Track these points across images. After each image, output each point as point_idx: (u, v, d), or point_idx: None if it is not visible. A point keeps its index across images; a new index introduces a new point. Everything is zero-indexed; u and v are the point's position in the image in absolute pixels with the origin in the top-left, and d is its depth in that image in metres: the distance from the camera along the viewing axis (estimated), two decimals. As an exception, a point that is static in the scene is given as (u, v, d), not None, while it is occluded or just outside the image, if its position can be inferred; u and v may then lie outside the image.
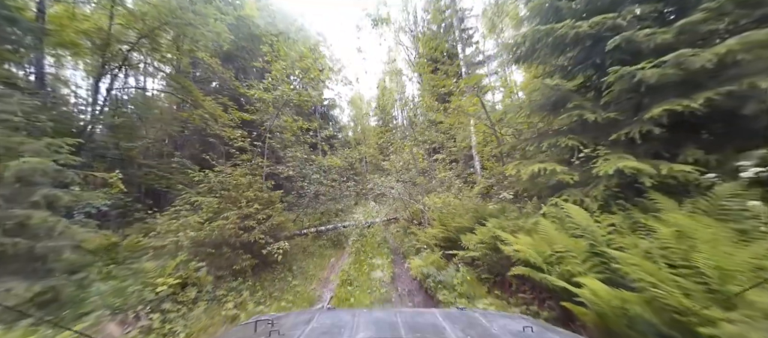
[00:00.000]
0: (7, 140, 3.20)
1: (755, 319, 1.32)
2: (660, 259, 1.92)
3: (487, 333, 1.05)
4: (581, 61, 3.92)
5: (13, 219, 3.03)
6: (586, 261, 2.46)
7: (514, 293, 3.58)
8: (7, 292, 2.67)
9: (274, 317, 1.25)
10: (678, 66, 2.89)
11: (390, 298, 4.90)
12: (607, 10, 3.60)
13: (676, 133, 3.05)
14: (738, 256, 1.61)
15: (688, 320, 1.57)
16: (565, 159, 3.70)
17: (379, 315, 1.26)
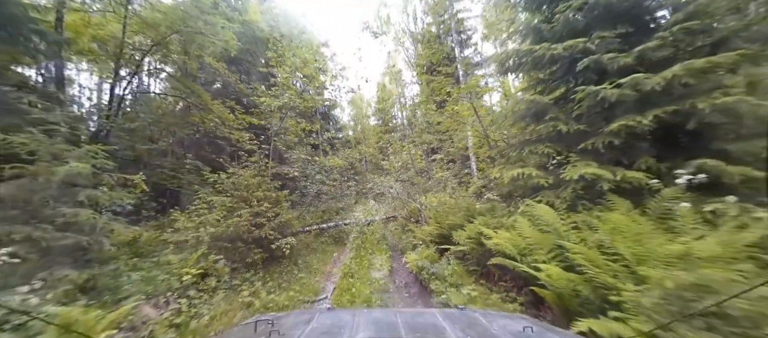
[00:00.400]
0: (55, 148, 3.71)
1: (649, 289, 1.84)
2: (597, 249, 2.45)
3: (487, 333, 1.06)
4: (559, 77, 4.43)
5: (62, 217, 3.55)
6: (550, 252, 2.98)
7: (497, 282, 4.11)
8: (65, 277, 3.18)
9: (274, 317, 1.26)
10: (633, 87, 3.40)
11: (388, 289, 5.43)
12: (580, 34, 4.12)
13: (634, 143, 3.57)
14: (652, 245, 2.13)
15: (611, 293, 2.10)
16: (542, 165, 4.22)
17: (379, 315, 1.29)
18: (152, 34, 8.03)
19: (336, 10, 36.47)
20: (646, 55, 3.56)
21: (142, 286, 3.90)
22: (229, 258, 4.98)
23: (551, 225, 3.16)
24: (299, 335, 0.98)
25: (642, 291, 1.87)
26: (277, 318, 1.25)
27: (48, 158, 3.63)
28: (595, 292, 2.28)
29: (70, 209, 3.57)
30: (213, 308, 4.02)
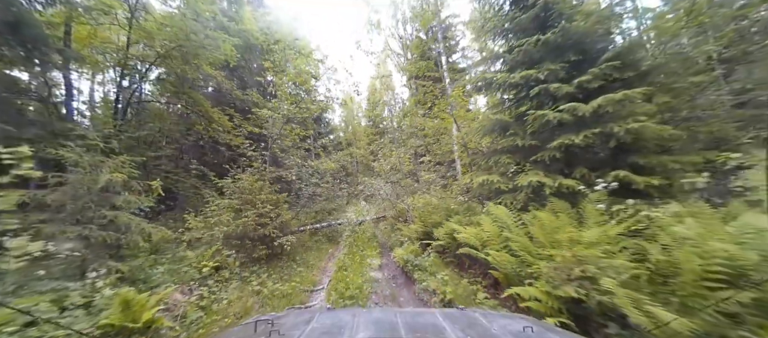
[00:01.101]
0: (95, 160, 4.44)
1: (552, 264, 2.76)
2: (528, 238, 3.37)
3: (487, 333, 1.07)
4: (519, 99, 5.37)
5: (103, 219, 4.28)
6: (502, 243, 3.89)
7: (467, 269, 5.03)
8: (113, 268, 3.93)
9: (274, 317, 1.28)
10: (571, 112, 4.35)
11: (377, 279, 6.28)
12: (536, 63, 5.06)
13: (571, 156, 4.52)
14: (560, 234, 3.05)
15: (532, 268, 3.01)
16: (504, 172, 5.16)
17: (379, 315, 1.30)
18: (157, 46, 8.67)
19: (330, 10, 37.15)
20: (584, 85, 4.52)
21: (168, 277, 4.66)
22: (239, 254, 5.77)
23: (504, 222, 4.08)
24: (299, 335, 1.00)
25: (547, 265, 2.78)
26: (276, 317, 1.26)
27: (89, 168, 4.36)
28: (524, 269, 3.20)
29: (109, 212, 4.31)
30: (229, 294, 4.81)
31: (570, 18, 4.77)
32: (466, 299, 4.13)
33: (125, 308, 3.28)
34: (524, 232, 3.54)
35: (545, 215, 3.39)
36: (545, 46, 5.00)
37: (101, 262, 4.00)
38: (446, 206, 6.93)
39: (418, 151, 15.26)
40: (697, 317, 1.90)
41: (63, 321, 3.11)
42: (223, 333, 1.84)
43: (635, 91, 4.04)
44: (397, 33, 21.08)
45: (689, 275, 1.98)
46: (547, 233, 3.15)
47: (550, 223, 3.25)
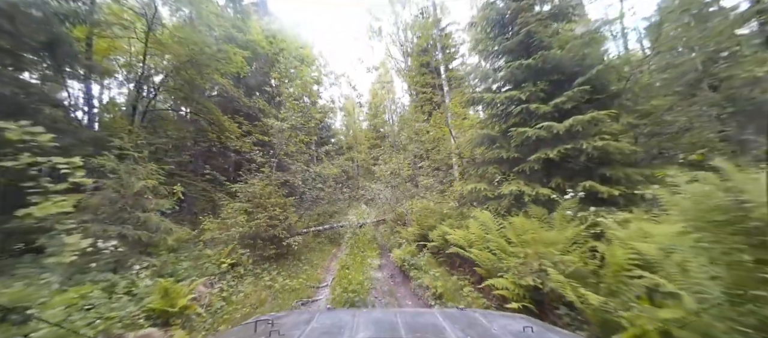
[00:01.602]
0: (129, 168, 5.12)
1: (519, 260, 3.42)
2: (504, 239, 4.03)
3: (487, 333, 1.09)
4: (504, 116, 6.04)
5: (137, 220, 4.95)
6: (484, 243, 4.55)
7: (457, 267, 5.69)
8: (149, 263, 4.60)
9: (274, 317, 1.29)
10: (548, 130, 5.02)
11: (377, 277, 6.93)
12: (520, 84, 5.74)
13: (548, 168, 5.19)
14: (528, 235, 3.70)
15: (505, 264, 3.67)
16: (490, 181, 5.82)
17: (379, 315, 1.32)
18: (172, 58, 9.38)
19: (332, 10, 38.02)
20: (559, 106, 5.19)
21: (192, 271, 5.32)
22: (251, 253, 6.43)
23: (487, 225, 4.74)
24: (299, 335, 1.02)
25: (515, 261, 3.44)
26: (277, 317, 1.28)
27: (125, 176, 5.04)
28: (499, 264, 3.85)
29: (143, 214, 4.99)
30: (244, 288, 5.47)
31: (549, 46, 5.45)
32: (455, 293, 4.79)
33: (164, 295, 3.94)
34: (501, 234, 4.20)
35: (518, 219, 4.05)
36: (528, 69, 5.67)
37: (137, 258, 4.67)
38: (441, 210, 7.59)
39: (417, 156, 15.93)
40: (618, 298, 2.55)
41: (114, 305, 3.77)
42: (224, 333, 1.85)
43: (602, 113, 4.71)
44: (397, 40, 21.85)
45: (613, 267, 2.63)
46: (518, 235, 3.81)
47: (522, 226, 3.91)
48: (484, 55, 6.59)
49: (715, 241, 2.04)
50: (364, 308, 4.12)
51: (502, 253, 3.82)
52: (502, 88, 6.08)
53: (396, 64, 23.07)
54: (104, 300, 3.84)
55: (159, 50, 9.69)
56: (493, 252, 4.04)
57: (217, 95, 12.68)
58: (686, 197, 2.30)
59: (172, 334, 3.66)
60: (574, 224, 3.67)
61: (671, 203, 2.36)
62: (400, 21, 21.90)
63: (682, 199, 2.30)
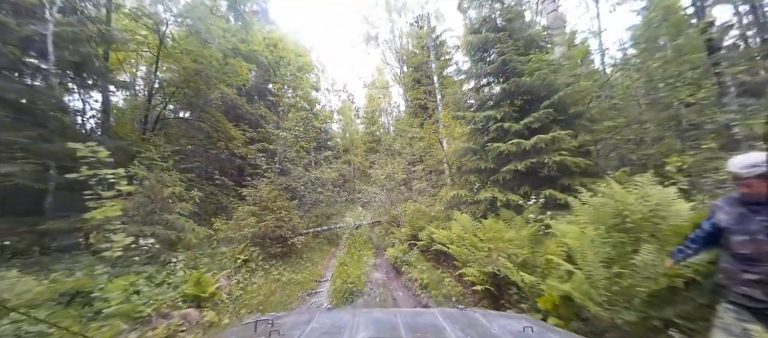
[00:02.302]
0: (158, 175, 6.00)
1: (485, 252, 4.38)
2: (476, 237, 5.00)
3: (488, 333, 1.11)
4: (483, 130, 7.03)
5: (166, 221, 5.84)
6: (461, 241, 5.52)
7: (441, 263, 6.65)
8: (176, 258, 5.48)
9: (274, 317, 1.33)
10: (517, 146, 6.01)
11: (372, 273, 7.87)
12: (496, 105, 6.73)
13: (518, 178, 6.18)
14: (491, 234, 4.67)
15: (474, 257, 4.64)
16: (470, 188, 6.80)
17: (379, 315, 1.38)
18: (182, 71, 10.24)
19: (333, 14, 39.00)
20: (528, 125, 6.18)
21: (212, 266, 6.22)
22: (261, 250, 7.34)
23: (465, 226, 5.71)
24: (299, 335, 1.05)
25: (482, 254, 4.42)
26: (277, 317, 1.31)
27: (155, 183, 5.93)
28: (471, 257, 4.82)
29: (170, 216, 5.88)
30: (257, 281, 6.39)
31: (521, 73, 6.45)
32: (438, 283, 5.74)
33: (197, 283, 4.85)
34: (474, 233, 5.17)
35: (488, 221, 5.03)
36: (503, 91, 6.68)
37: (167, 254, 5.56)
38: (429, 213, 8.56)
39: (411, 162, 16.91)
40: (547, 278, 3.52)
41: (157, 291, 4.66)
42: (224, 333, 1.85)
43: (562, 133, 5.71)
44: (394, 47, 22.86)
45: (546, 256, 3.61)
46: (486, 234, 4.78)
47: (490, 227, 4.88)
48: (467, 76, 7.58)
49: (607, 236, 3.03)
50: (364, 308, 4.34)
51: (473, 248, 4.79)
52: (482, 106, 7.06)
53: (392, 69, 24.09)
54: (148, 287, 4.74)
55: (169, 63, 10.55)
56: (468, 248, 5.01)
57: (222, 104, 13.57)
58: (592, 206, 3.29)
59: (204, 314, 4.57)
60: (530, 225, 4.65)
61: (581, 209, 3.34)
62: (397, 29, 22.94)
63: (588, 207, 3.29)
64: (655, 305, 2.47)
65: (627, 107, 6.40)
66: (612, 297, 2.65)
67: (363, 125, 29.97)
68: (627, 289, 2.58)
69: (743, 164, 1.87)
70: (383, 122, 30.58)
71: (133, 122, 11.13)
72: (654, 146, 6.00)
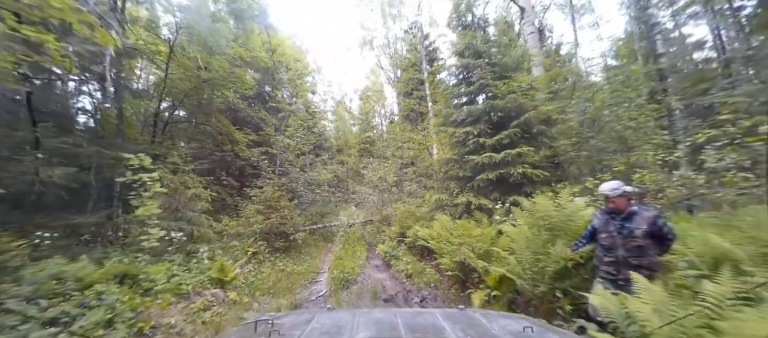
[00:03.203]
0: (182, 178, 7.10)
1: (455, 246, 5.63)
2: (450, 234, 6.26)
3: (488, 333, 1.15)
4: (463, 143, 8.29)
5: (189, 218, 6.93)
6: (440, 237, 6.77)
7: (425, 257, 7.90)
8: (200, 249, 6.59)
9: (274, 317, 1.37)
10: (489, 158, 7.27)
11: (365, 266, 9.08)
12: (473, 122, 7.99)
13: (490, 185, 7.45)
14: (460, 231, 5.92)
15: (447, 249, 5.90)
16: (451, 193, 8.06)
17: (379, 315, 1.41)
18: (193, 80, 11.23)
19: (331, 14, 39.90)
20: (500, 141, 7.45)
21: (226, 256, 7.34)
22: (267, 245, 8.48)
23: (444, 225, 6.96)
24: (299, 335, 1.08)
25: (453, 247, 5.67)
26: (277, 317, 1.35)
27: (179, 184, 7.02)
28: (446, 249, 6.07)
29: (193, 213, 6.98)
30: (265, 270, 7.54)
31: (495, 96, 7.72)
32: (420, 273, 6.98)
33: (220, 270, 5.99)
34: (449, 231, 6.42)
35: (461, 221, 6.28)
36: (481, 111, 7.94)
37: (191, 246, 6.68)
38: (416, 213, 9.81)
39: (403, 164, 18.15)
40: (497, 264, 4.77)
41: (190, 275, 5.78)
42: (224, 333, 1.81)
43: (525, 148, 7.00)
44: (388, 52, 24.05)
45: (498, 248, 4.86)
46: (458, 231, 6.03)
47: (462, 226, 6.13)
48: (451, 95, 8.84)
49: (537, 233, 4.29)
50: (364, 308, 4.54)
51: (448, 243, 6.03)
52: (463, 122, 8.31)
53: (386, 73, 25.28)
54: (180, 273, 5.86)
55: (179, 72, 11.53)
56: (444, 243, 6.26)
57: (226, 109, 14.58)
58: (529, 211, 4.56)
59: (228, 294, 5.72)
60: (493, 225, 5.91)
61: (519, 213, 4.61)
62: (391, 34, 24.12)
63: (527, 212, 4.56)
64: (557, 279, 3.73)
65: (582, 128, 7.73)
66: (533, 275, 3.91)
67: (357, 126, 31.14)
68: (542, 269, 3.84)
69: (610, 188, 3.12)
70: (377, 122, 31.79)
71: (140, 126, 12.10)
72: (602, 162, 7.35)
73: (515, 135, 7.38)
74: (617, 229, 3.08)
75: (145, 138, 10.43)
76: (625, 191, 3.04)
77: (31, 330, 3.38)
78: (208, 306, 5.05)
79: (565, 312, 3.39)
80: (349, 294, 6.47)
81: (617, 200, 3.08)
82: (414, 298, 5.84)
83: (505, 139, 7.36)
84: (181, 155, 7.92)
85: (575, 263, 3.68)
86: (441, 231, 6.77)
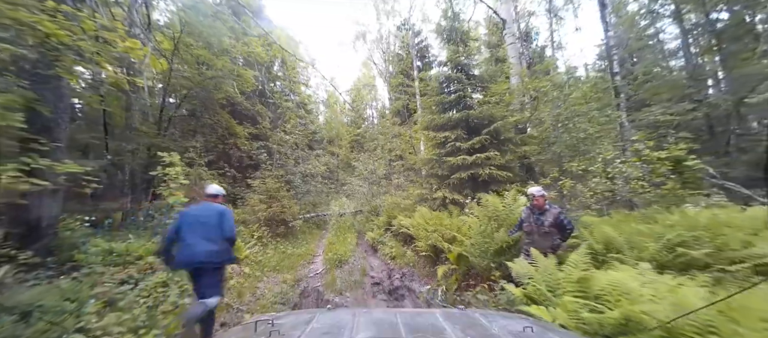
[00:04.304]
0: (198, 171, 8.40)
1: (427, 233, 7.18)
2: (427, 223, 7.80)
3: (487, 333, 1.18)
4: (442, 146, 9.79)
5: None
6: (419, 225, 8.31)
7: (407, 242, 9.46)
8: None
9: (274, 317, 1.41)
10: (462, 160, 8.79)
11: (355, 250, 10.59)
12: (451, 128, 9.48)
13: (463, 183, 9.00)
14: (434, 221, 7.47)
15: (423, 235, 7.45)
16: (430, 189, 9.59)
17: (379, 315, 1.47)
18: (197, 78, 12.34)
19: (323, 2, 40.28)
20: (472, 145, 8.96)
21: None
22: (269, 230, 9.90)
23: (423, 216, 8.49)
24: (299, 335, 1.10)
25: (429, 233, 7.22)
26: (277, 317, 1.39)
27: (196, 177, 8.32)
28: (422, 235, 7.61)
29: (208, 202, 8.32)
30: (269, 252, 8.98)
31: (470, 106, 9.21)
32: (402, 255, 8.53)
33: (238, 250, 7.41)
34: (426, 221, 7.96)
35: (436, 213, 7.82)
36: (458, 119, 9.43)
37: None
38: (401, 205, 11.34)
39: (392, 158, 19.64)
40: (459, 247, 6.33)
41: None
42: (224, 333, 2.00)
43: (492, 153, 8.54)
44: (380, 47, 25.21)
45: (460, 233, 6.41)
46: (433, 221, 7.56)
47: (436, 217, 7.67)
48: (434, 102, 10.30)
49: (487, 224, 5.84)
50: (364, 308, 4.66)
51: (424, 230, 7.57)
52: (443, 126, 9.80)
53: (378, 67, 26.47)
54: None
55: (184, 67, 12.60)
56: (421, 230, 7.80)
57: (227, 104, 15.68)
58: (483, 206, 6.12)
59: (243, 269, 7.15)
60: (461, 217, 7.47)
61: (476, 208, 6.17)
62: (384, 29, 25.22)
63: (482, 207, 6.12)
64: (496, 256, 5.29)
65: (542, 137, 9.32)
66: (480, 253, 5.47)
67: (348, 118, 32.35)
68: (487, 249, 5.40)
69: (534, 190, 4.64)
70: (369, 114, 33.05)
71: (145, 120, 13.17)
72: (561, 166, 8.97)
73: (486, 141, 8.91)
74: (535, 221, 4.62)
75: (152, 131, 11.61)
76: (544, 194, 4.59)
77: (112, 287, 4.76)
78: (229, 277, 6.48)
79: (496, 278, 4.96)
80: (342, 272, 7.96)
81: (538, 199, 4.62)
82: (395, 274, 7.37)
83: (477, 144, 8.89)
84: (196, 151, 9.18)
85: (509, 244, 5.25)
86: (420, 221, 8.30)
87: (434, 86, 10.53)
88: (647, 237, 4.18)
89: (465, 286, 5.58)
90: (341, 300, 5.92)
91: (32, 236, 4.93)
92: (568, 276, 3.47)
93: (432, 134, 9.60)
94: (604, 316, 2.63)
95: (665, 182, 5.21)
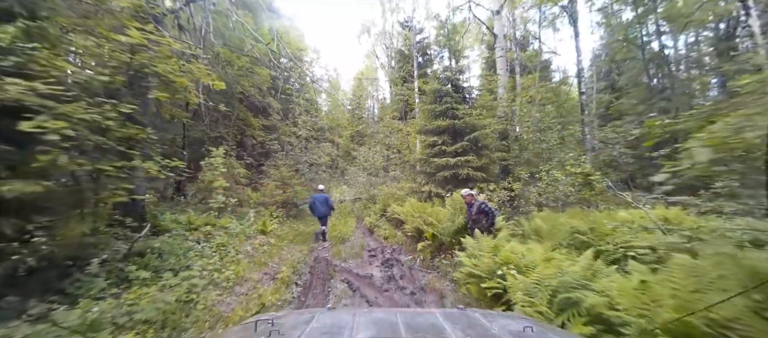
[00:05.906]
0: (230, 161, 10.79)
1: (412, 218, 9.68)
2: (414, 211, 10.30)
3: (488, 333, 1.23)
4: (430, 147, 12.19)
5: (237, 190, 10.71)
6: (408, 213, 10.81)
7: (398, 227, 11.97)
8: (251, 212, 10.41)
9: (274, 317, 1.45)
10: (446, 162, 11.19)
11: (354, 232, 13.10)
12: (439, 134, 11.86)
13: (448, 179, 11.44)
14: (417, 209, 9.95)
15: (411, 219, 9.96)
16: (419, 183, 12.04)
17: (379, 315, 1.53)
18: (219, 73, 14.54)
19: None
20: (457, 149, 11.36)
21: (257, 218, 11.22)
22: (283, 211, 12.39)
23: (412, 205, 10.97)
24: (299, 335, 1.15)
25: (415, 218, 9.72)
26: (277, 317, 1.44)
27: (229, 167, 10.73)
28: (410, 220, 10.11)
29: (237, 186, 10.75)
30: (284, 229, 11.50)
31: (457, 116, 11.58)
32: (393, 236, 11.05)
33: (263, 225, 9.90)
34: (414, 209, 10.43)
35: (421, 203, 10.30)
36: (445, 127, 11.81)
37: (240, 209, 10.50)
38: (395, 195, 13.82)
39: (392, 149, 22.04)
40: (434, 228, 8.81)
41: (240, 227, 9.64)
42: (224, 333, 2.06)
43: (469, 157, 10.97)
44: (383, 42, 27.26)
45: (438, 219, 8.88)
46: (418, 209, 10.03)
47: (421, 206, 10.14)
48: (427, 111, 12.66)
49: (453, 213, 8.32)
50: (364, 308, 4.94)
51: (412, 216, 10.05)
52: (433, 131, 12.17)
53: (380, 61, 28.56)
54: (239, 226, 9.70)
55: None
56: (409, 216, 10.28)
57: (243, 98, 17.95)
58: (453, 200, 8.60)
59: (269, 239, 9.66)
60: (441, 207, 9.94)
61: (449, 200, 8.66)
62: (388, 24, 27.22)
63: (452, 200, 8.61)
64: (455, 234, 7.77)
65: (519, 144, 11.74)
66: (446, 232, 7.96)
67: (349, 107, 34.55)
68: (450, 229, 7.89)
69: (463, 192, 7.18)
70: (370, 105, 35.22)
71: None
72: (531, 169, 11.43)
73: (467, 146, 11.33)
74: (468, 211, 7.13)
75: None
76: (471, 194, 7.07)
77: (192, 244, 7.22)
78: (262, 244, 9.00)
79: (454, 249, 7.47)
80: (345, 247, 10.46)
81: (467, 198, 7.11)
82: (387, 250, 9.87)
83: (460, 148, 11.30)
84: (227, 143, 11.55)
85: (464, 226, 7.74)
86: (409, 209, 10.79)
87: (430, 94, 12.87)
88: (563, 226, 6.66)
89: (436, 256, 8.10)
90: (346, 265, 8.43)
91: (132, 208, 7.37)
92: (489, 245, 5.98)
93: (423, 137, 12.00)
94: (496, 260, 5.13)
95: (582, 190, 7.67)
